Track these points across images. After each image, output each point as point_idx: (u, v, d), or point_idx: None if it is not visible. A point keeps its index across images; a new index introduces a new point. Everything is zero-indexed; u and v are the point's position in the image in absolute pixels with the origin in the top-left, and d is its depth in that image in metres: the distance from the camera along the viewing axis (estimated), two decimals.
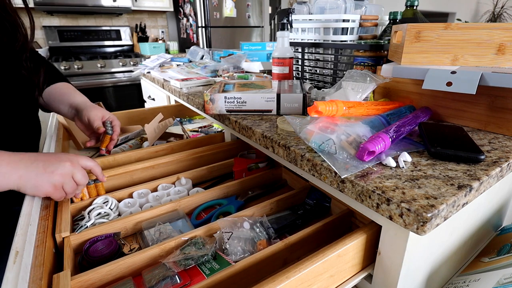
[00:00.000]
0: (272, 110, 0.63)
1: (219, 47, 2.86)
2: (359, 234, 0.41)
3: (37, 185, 0.45)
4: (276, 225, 0.55)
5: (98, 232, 0.50)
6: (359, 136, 0.42)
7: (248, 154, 0.83)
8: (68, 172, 0.48)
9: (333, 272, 0.40)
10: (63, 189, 0.48)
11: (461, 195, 0.33)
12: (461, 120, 0.54)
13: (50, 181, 0.46)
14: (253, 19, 3.06)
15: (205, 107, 0.65)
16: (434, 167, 0.39)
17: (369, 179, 0.36)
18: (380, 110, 0.53)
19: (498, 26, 0.48)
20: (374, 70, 0.69)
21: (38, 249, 0.39)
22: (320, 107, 0.45)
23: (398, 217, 0.32)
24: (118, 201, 0.60)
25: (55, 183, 0.46)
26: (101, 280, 0.41)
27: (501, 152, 0.43)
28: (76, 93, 0.76)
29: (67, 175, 0.48)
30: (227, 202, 0.63)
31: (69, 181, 0.48)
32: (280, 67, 0.79)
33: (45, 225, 0.45)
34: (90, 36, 2.83)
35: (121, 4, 2.66)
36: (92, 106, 0.73)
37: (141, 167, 0.69)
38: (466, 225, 0.49)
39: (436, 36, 0.51)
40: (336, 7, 0.81)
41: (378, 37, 0.81)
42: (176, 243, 0.47)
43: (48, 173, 0.46)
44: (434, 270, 0.46)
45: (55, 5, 2.43)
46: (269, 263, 0.43)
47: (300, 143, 0.47)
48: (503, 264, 0.47)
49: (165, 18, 3.34)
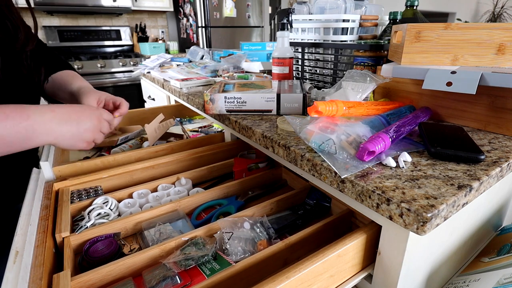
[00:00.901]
0: (272, 110, 0.63)
1: (219, 47, 2.86)
2: (359, 234, 0.41)
3: (72, 143, 0.50)
4: (277, 225, 0.55)
5: (98, 233, 0.50)
6: (359, 136, 0.42)
7: (248, 154, 0.83)
8: (97, 127, 0.53)
9: (333, 272, 0.40)
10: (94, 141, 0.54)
11: (461, 195, 0.33)
12: (461, 120, 0.54)
13: (83, 139, 0.51)
14: (253, 19, 3.06)
15: (205, 107, 0.65)
16: (434, 167, 0.39)
17: (369, 179, 0.36)
18: (380, 110, 0.53)
19: (498, 26, 0.48)
20: (374, 70, 0.69)
21: (38, 249, 0.39)
22: (320, 107, 0.45)
23: (398, 217, 0.32)
24: (118, 201, 0.60)
25: (88, 140, 0.52)
26: (101, 281, 0.41)
27: (501, 152, 0.43)
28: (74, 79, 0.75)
29: (96, 130, 0.53)
30: (227, 202, 0.63)
31: (98, 134, 0.54)
32: (280, 67, 0.79)
33: (45, 225, 0.45)
34: (90, 36, 2.83)
35: (121, 4, 2.66)
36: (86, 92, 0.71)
37: (141, 167, 0.69)
38: (466, 225, 0.49)
39: (436, 36, 0.51)
40: (336, 7, 0.81)
41: (378, 37, 0.81)
42: (176, 243, 0.47)
43: (81, 132, 0.51)
44: (434, 270, 0.46)
45: (55, 5, 2.43)
46: (269, 263, 0.43)
47: (300, 143, 0.47)
48: (503, 264, 0.47)
49: (165, 18, 3.34)
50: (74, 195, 0.60)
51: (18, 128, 0.42)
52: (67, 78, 0.74)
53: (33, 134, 0.44)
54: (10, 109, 0.43)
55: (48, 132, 0.46)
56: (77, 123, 0.50)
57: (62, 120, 0.48)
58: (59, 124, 0.47)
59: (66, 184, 0.61)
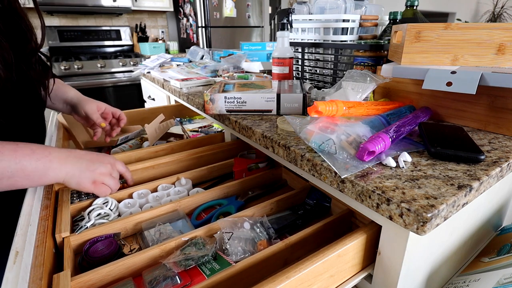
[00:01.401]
0: (272, 110, 0.63)
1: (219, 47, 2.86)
2: (359, 234, 0.41)
3: (80, 182, 0.51)
4: (277, 225, 0.55)
5: (98, 233, 0.50)
6: (359, 136, 0.42)
7: (248, 154, 0.83)
8: (107, 172, 0.55)
9: (333, 272, 0.40)
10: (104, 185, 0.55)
11: (461, 195, 0.33)
12: (461, 120, 0.54)
13: (90, 179, 0.52)
14: (253, 19, 3.06)
15: (205, 107, 0.65)
16: (434, 167, 0.39)
17: (369, 179, 0.36)
18: (380, 110, 0.53)
19: (498, 26, 0.48)
20: (374, 70, 0.69)
21: (38, 249, 0.39)
22: (320, 107, 0.45)
23: (398, 217, 0.32)
24: (118, 202, 0.60)
25: (95, 180, 0.53)
26: (101, 281, 0.41)
27: (501, 152, 0.43)
28: (66, 88, 0.79)
29: (106, 174, 0.54)
30: (227, 202, 0.63)
31: (109, 179, 0.55)
32: (280, 67, 0.79)
33: (45, 225, 0.45)
34: (90, 36, 2.83)
35: (121, 4, 2.66)
36: (85, 99, 0.77)
37: (141, 167, 0.69)
38: (466, 225, 0.49)
39: (436, 36, 0.51)
40: (336, 7, 0.81)
41: (378, 37, 0.81)
42: (176, 243, 0.47)
43: (90, 171, 0.52)
44: (434, 270, 0.46)
45: (55, 5, 2.43)
46: (269, 263, 0.43)
47: (300, 143, 0.47)
48: (503, 264, 0.47)
49: (165, 18, 3.34)
50: (74, 195, 0.60)
51: (38, 163, 0.46)
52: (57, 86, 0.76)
53: (49, 170, 0.47)
54: (36, 146, 0.47)
55: (61, 167, 0.49)
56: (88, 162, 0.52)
57: (76, 157, 0.51)
58: (72, 163, 0.50)
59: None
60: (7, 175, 0.43)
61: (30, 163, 0.45)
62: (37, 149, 0.47)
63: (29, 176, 0.45)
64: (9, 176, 0.43)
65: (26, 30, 0.58)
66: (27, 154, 0.45)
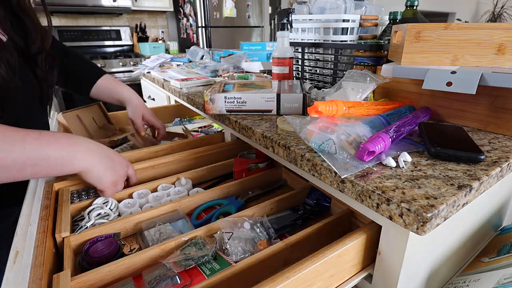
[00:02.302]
0: (272, 110, 0.63)
1: (219, 47, 2.86)
2: (359, 234, 0.41)
3: (102, 178, 0.52)
4: (277, 225, 0.55)
5: (98, 233, 0.50)
6: (359, 136, 0.42)
7: (248, 154, 0.83)
8: (124, 174, 0.57)
9: (333, 272, 0.40)
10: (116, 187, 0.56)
11: (461, 195, 0.33)
12: (461, 120, 0.54)
13: (111, 178, 0.54)
14: (253, 19, 3.06)
15: (205, 107, 0.65)
16: (434, 167, 0.39)
17: (369, 179, 0.36)
18: (380, 110, 0.53)
19: (498, 26, 0.48)
20: (374, 70, 0.69)
21: (38, 249, 0.39)
22: (320, 107, 0.45)
23: (398, 217, 0.32)
24: (118, 202, 0.60)
25: (114, 181, 0.55)
26: (101, 281, 0.41)
27: (501, 152, 0.43)
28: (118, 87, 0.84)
29: (122, 177, 0.57)
30: (227, 202, 0.63)
31: (121, 181, 0.57)
32: (280, 67, 0.79)
33: (45, 225, 0.45)
34: (90, 36, 2.83)
35: (121, 4, 2.66)
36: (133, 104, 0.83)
37: (141, 167, 0.69)
38: (466, 225, 0.49)
39: (436, 36, 0.51)
40: (336, 7, 0.81)
41: (378, 37, 0.81)
42: (176, 243, 0.47)
43: (113, 170, 0.54)
44: (434, 270, 0.46)
45: (55, 5, 2.43)
46: (269, 263, 0.43)
47: (300, 143, 0.47)
48: (503, 264, 0.47)
49: (165, 18, 3.34)
50: (74, 195, 0.60)
51: (62, 152, 0.46)
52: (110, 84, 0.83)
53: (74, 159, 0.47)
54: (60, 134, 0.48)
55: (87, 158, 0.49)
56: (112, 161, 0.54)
57: (103, 153, 0.52)
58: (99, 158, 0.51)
59: (66, 184, 0.61)
60: (30, 164, 0.42)
61: (54, 151, 0.44)
62: (62, 138, 0.47)
63: (52, 165, 0.45)
64: (33, 164, 0.42)
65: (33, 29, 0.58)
66: (51, 143, 0.44)
